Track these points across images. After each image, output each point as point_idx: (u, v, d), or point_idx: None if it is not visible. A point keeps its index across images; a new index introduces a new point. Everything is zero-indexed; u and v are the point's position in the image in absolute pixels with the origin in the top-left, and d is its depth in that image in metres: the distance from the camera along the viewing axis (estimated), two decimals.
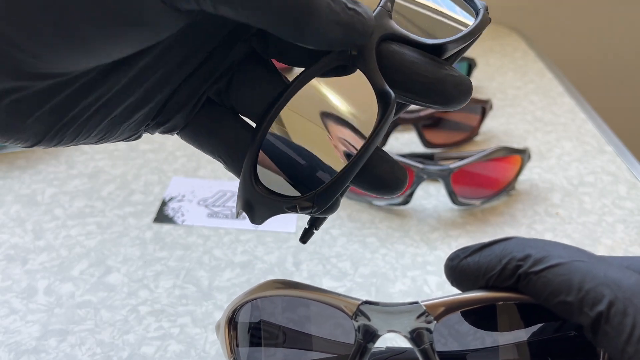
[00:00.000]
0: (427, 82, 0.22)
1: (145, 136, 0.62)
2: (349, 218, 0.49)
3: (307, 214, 0.23)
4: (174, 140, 0.62)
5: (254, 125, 0.25)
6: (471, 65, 0.74)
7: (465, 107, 0.62)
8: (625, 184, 0.56)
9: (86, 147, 0.60)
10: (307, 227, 0.26)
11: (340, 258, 0.44)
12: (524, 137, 0.65)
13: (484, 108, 0.62)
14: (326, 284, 0.41)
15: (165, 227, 0.47)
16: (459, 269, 0.22)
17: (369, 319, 0.22)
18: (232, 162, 0.25)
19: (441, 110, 0.24)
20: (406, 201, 0.50)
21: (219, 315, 0.38)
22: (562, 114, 0.71)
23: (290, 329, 0.26)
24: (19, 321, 0.37)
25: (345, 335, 0.23)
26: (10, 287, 0.40)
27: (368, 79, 0.22)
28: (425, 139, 0.60)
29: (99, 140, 0.23)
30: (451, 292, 0.31)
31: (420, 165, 0.49)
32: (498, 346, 0.23)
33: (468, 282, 0.22)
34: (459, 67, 0.74)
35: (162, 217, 0.48)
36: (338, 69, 0.23)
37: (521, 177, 0.55)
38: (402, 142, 0.62)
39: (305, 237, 0.27)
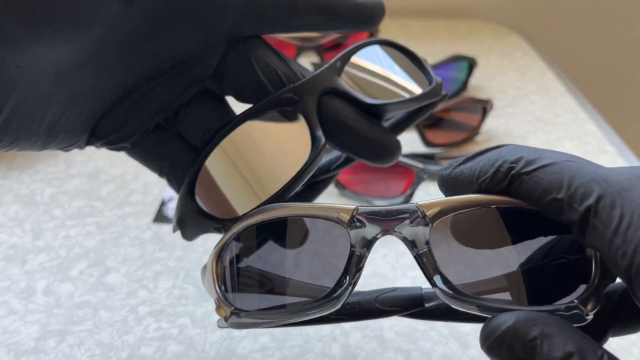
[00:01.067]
0: (358, 138, 0.26)
1: None
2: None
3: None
4: None
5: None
6: (471, 64, 0.74)
7: (466, 107, 0.62)
8: None
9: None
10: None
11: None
12: (525, 137, 0.65)
13: (484, 108, 0.62)
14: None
15: (165, 228, 0.47)
16: (452, 176, 0.22)
17: (364, 225, 0.22)
18: (175, 181, 0.28)
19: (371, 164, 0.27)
20: (406, 201, 0.49)
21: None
22: (562, 113, 0.71)
23: (278, 253, 0.25)
24: (18, 321, 0.37)
25: (338, 248, 0.23)
26: (9, 288, 0.40)
27: (306, 122, 0.25)
28: (426, 138, 0.60)
29: (40, 147, 0.24)
30: None
31: (420, 165, 0.49)
32: (498, 251, 0.22)
33: (461, 188, 0.22)
34: (459, 67, 0.74)
35: (161, 217, 0.48)
36: (281, 112, 0.26)
37: None
38: (403, 142, 0.62)
39: None
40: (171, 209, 0.49)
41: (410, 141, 0.62)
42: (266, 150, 0.26)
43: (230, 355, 0.35)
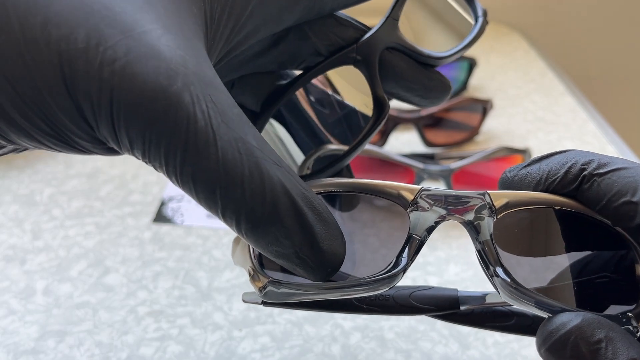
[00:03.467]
0: (417, 92, 0.26)
1: None
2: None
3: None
4: None
5: None
6: (472, 64, 0.74)
7: (466, 107, 0.62)
8: None
9: None
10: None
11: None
12: (525, 136, 0.65)
13: (484, 108, 0.62)
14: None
15: (164, 228, 0.47)
16: (519, 177, 0.22)
17: (425, 209, 0.21)
18: None
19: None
20: None
21: (219, 316, 0.38)
22: (563, 113, 0.71)
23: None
24: (18, 322, 0.37)
25: (397, 229, 0.22)
26: (8, 288, 0.40)
27: (369, 85, 0.25)
28: (426, 138, 0.60)
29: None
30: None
31: (420, 165, 0.49)
32: (554, 254, 0.22)
33: (528, 188, 0.22)
34: (460, 67, 0.74)
35: (161, 217, 0.48)
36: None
37: None
38: (403, 142, 0.62)
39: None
40: (171, 209, 0.49)
41: (410, 141, 0.61)
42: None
43: (230, 356, 0.35)
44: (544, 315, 0.20)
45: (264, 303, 0.23)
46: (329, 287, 0.21)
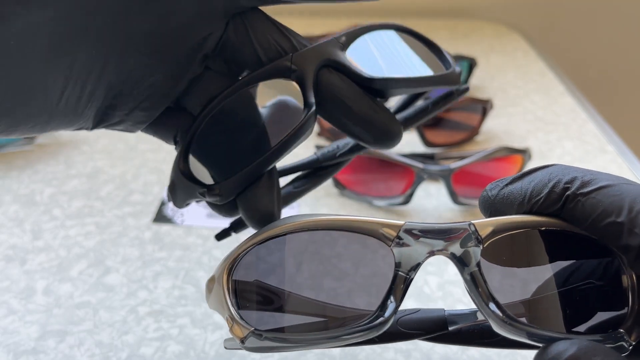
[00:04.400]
0: (356, 118, 0.24)
1: (144, 136, 0.62)
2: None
3: (215, 202, 0.25)
4: None
5: None
6: (472, 64, 0.74)
7: (466, 107, 0.62)
8: None
9: (85, 147, 0.60)
10: (227, 227, 0.29)
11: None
12: (525, 136, 0.65)
13: (484, 108, 0.62)
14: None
15: (165, 228, 0.47)
16: (501, 197, 0.21)
17: (409, 244, 0.20)
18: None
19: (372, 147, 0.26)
20: (406, 201, 0.49)
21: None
22: (563, 113, 0.71)
23: (309, 268, 0.22)
24: (18, 322, 0.37)
25: (380, 267, 0.21)
26: (8, 288, 0.40)
27: (300, 90, 0.24)
28: (426, 138, 0.60)
29: (40, 130, 0.23)
30: (451, 293, 0.31)
31: (420, 165, 0.49)
32: (543, 276, 0.22)
33: (511, 209, 0.21)
34: (460, 67, 0.74)
35: (161, 217, 0.48)
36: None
37: None
38: (403, 142, 0.62)
39: (220, 235, 0.30)
40: (171, 209, 0.49)
41: (410, 141, 0.62)
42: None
43: (230, 356, 0.35)
44: (537, 344, 0.20)
45: (247, 348, 0.22)
46: (315, 338, 0.20)
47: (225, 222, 0.47)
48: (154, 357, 0.35)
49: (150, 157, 0.58)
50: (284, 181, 0.29)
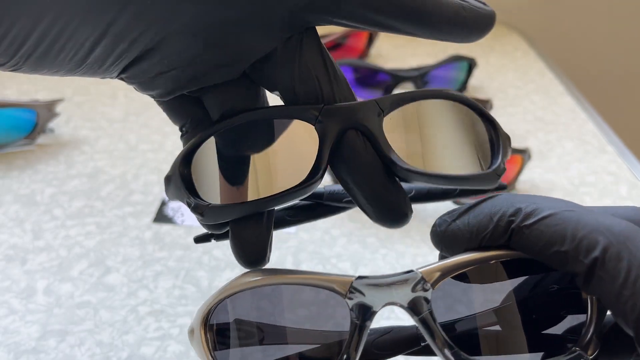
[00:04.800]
0: (365, 194, 0.23)
1: (145, 136, 0.62)
2: (349, 218, 0.48)
3: (198, 219, 0.24)
4: (174, 141, 0.62)
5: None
6: (471, 64, 0.74)
7: None
8: (626, 184, 0.56)
9: (85, 147, 0.60)
10: (208, 232, 0.27)
11: (341, 258, 0.44)
12: (525, 136, 0.65)
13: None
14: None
15: (165, 227, 0.47)
16: (449, 233, 0.22)
17: (363, 295, 0.21)
18: (188, 137, 0.27)
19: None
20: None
21: None
22: (562, 113, 0.71)
23: (273, 323, 0.24)
24: (18, 321, 0.37)
25: (337, 319, 0.22)
26: (9, 288, 0.40)
27: (318, 148, 0.23)
28: None
29: (66, 73, 0.22)
30: None
31: None
32: (495, 307, 0.22)
33: (460, 245, 0.21)
34: (459, 67, 0.74)
35: (161, 217, 0.48)
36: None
37: (522, 177, 0.55)
38: None
39: (200, 239, 0.29)
40: (171, 209, 0.49)
41: None
42: (277, 154, 0.25)
43: None
44: None
45: None
46: None
47: None
48: (155, 356, 0.35)
49: (151, 157, 0.58)
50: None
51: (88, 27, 0.20)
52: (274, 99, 0.26)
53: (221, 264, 0.43)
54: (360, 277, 0.21)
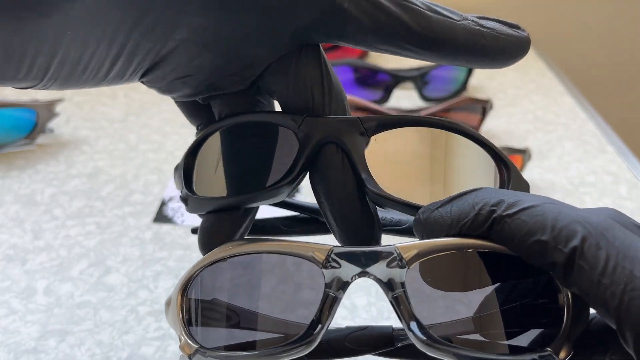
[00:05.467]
0: (336, 217, 0.23)
1: (145, 136, 0.62)
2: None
3: (185, 207, 0.26)
4: (174, 140, 0.62)
5: None
6: None
7: (466, 107, 0.62)
8: (626, 184, 0.56)
9: (85, 147, 0.60)
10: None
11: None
12: (525, 136, 0.65)
13: (484, 108, 0.62)
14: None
15: (165, 227, 0.47)
16: (431, 220, 0.22)
17: (339, 265, 0.21)
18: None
19: None
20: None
21: None
22: (562, 113, 0.71)
23: (249, 291, 0.24)
24: (18, 321, 0.37)
25: (311, 288, 0.22)
26: (9, 287, 0.40)
27: (296, 154, 0.23)
28: None
29: (92, 85, 0.23)
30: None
31: None
32: (474, 296, 0.22)
33: (440, 232, 0.21)
34: (459, 67, 0.74)
35: (161, 217, 0.48)
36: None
37: None
38: None
39: (195, 230, 0.30)
40: (171, 209, 0.49)
41: None
42: (264, 157, 0.26)
43: None
44: None
45: None
46: (252, 355, 0.22)
47: None
48: (155, 356, 0.35)
49: (151, 157, 0.58)
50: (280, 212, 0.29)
51: (105, 49, 0.21)
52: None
53: None
54: (337, 246, 0.21)
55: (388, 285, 0.21)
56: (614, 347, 0.20)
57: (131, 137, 0.62)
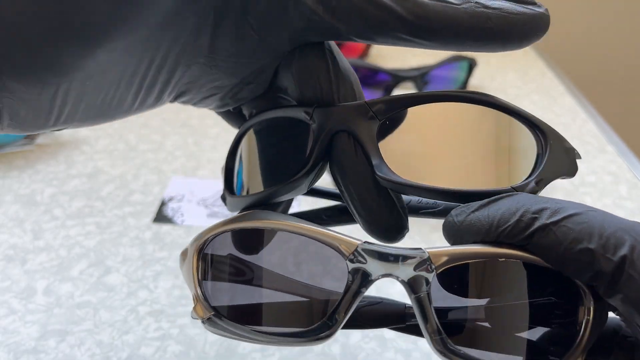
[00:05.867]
0: (353, 199, 0.23)
1: (145, 136, 0.62)
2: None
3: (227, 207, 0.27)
4: (174, 141, 0.62)
5: None
6: (472, 64, 0.74)
7: None
8: (626, 184, 0.56)
9: (86, 147, 0.60)
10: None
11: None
12: None
13: None
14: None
15: (165, 227, 0.47)
16: (467, 223, 0.20)
17: (365, 261, 0.21)
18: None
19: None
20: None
21: None
22: (563, 113, 0.71)
23: (268, 267, 0.23)
24: (18, 321, 0.37)
25: (333, 279, 0.22)
26: (9, 288, 0.40)
27: (309, 148, 0.23)
28: None
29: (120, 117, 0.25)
30: None
31: None
32: (496, 306, 0.22)
33: (475, 236, 0.20)
34: (460, 67, 0.74)
35: (161, 217, 0.48)
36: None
37: None
38: None
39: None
40: (171, 209, 0.49)
41: None
42: (288, 152, 0.27)
43: (230, 355, 0.35)
44: None
45: (207, 328, 0.24)
46: (262, 332, 0.22)
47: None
48: (154, 356, 0.35)
49: (151, 157, 0.58)
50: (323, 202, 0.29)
51: (125, 87, 0.23)
52: None
53: None
54: (366, 242, 0.21)
55: (412, 287, 0.20)
56: (617, 350, 0.20)
57: (131, 137, 0.62)
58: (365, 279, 0.21)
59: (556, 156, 0.22)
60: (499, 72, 0.82)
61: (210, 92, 0.26)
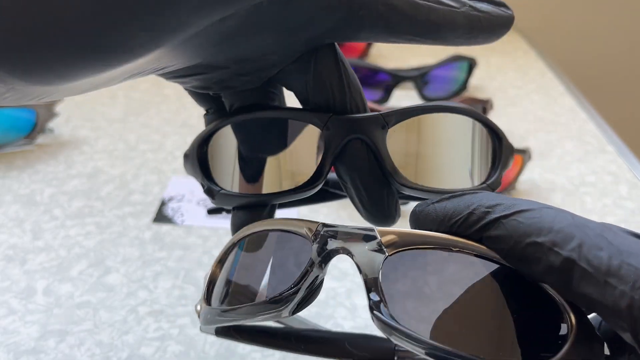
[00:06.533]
0: (362, 199, 0.25)
1: (145, 136, 0.62)
2: (350, 218, 0.48)
3: (210, 199, 0.27)
4: (174, 140, 0.62)
5: None
6: (472, 64, 0.74)
7: None
8: (626, 184, 0.56)
9: (85, 147, 0.60)
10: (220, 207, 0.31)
11: (341, 258, 0.44)
12: (525, 136, 0.65)
13: (484, 108, 0.62)
14: (327, 284, 0.41)
15: (165, 227, 0.47)
16: (425, 213, 0.22)
17: (326, 242, 0.22)
18: (210, 119, 0.29)
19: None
20: (406, 201, 0.49)
21: None
22: (563, 113, 0.71)
23: (252, 265, 0.26)
24: (18, 322, 0.37)
25: (300, 261, 0.24)
26: (9, 288, 0.40)
27: (321, 157, 0.25)
28: None
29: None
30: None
31: None
32: (446, 296, 0.21)
33: (431, 225, 0.22)
34: (460, 67, 0.74)
35: (161, 217, 0.48)
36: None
37: (522, 177, 0.55)
38: None
39: (212, 211, 0.32)
40: (171, 209, 0.49)
41: None
42: (287, 153, 0.27)
43: (230, 355, 0.35)
44: None
45: (216, 333, 0.26)
46: (238, 313, 0.24)
47: (222, 223, 0.48)
48: (154, 357, 0.35)
49: (151, 157, 0.58)
50: None
51: (122, 77, 0.23)
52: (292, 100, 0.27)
53: None
54: (324, 225, 0.23)
55: (364, 267, 0.21)
56: (615, 354, 0.20)
57: (131, 137, 0.62)
58: (324, 253, 0.22)
59: (506, 155, 0.26)
60: (499, 72, 0.82)
61: (196, 70, 0.25)
